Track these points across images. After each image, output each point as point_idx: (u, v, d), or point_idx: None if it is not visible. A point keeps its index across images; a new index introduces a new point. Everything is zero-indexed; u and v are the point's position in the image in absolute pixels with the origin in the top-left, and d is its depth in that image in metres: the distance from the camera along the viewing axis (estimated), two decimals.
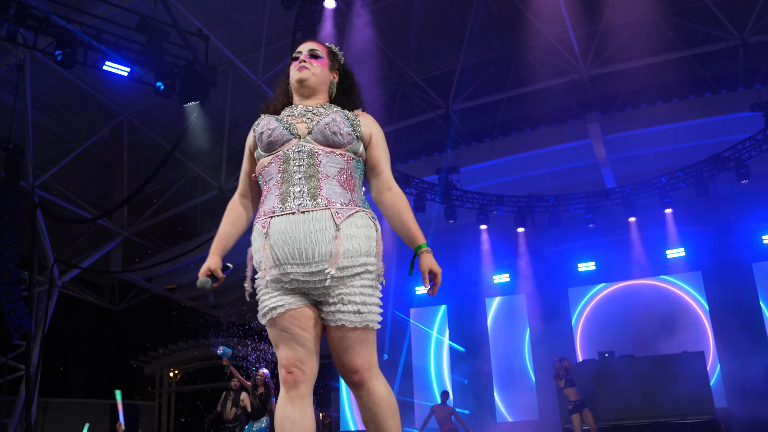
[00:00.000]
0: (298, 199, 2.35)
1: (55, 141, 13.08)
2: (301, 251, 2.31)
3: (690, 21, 11.86)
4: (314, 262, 2.31)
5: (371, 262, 2.37)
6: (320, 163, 2.40)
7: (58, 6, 8.96)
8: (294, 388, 2.36)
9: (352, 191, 2.43)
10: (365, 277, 2.36)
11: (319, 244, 2.30)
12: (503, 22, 12.52)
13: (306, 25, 9.32)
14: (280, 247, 2.34)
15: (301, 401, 2.36)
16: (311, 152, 2.41)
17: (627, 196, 12.77)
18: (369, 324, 2.35)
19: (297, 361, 2.37)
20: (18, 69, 10.37)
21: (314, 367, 2.41)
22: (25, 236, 11.21)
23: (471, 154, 13.51)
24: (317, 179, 2.38)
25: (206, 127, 11.90)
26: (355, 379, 2.39)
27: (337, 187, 2.39)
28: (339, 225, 2.32)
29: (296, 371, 2.37)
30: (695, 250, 13.40)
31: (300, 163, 2.40)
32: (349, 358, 2.37)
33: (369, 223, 2.41)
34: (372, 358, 2.41)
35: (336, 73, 2.69)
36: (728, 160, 11.65)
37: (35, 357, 11.42)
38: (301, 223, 2.32)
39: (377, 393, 2.39)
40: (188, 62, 9.22)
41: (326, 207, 2.34)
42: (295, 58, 2.65)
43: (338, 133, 2.43)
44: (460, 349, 15.12)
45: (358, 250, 2.34)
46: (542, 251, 14.49)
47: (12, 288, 9.75)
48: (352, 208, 2.38)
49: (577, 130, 12.42)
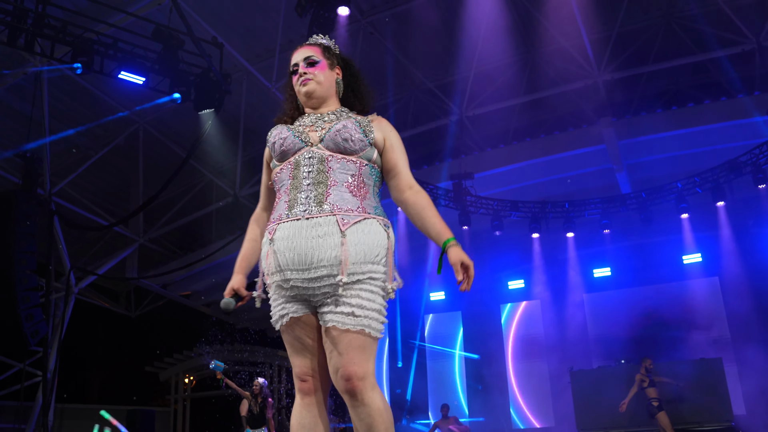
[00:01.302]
0: (304, 206, 2.33)
1: (71, 149, 13.19)
2: (302, 257, 2.27)
3: (705, 25, 11.78)
4: (314, 268, 2.26)
5: (377, 271, 2.31)
6: (330, 169, 2.37)
7: (75, 16, 9.06)
8: (308, 395, 2.38)
9: (363, 198, 2.38)
10: (367, 284, 2.29)
11: (320, 250, 2.26)
12: (517, 28, 12.49)
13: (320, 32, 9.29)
14: (282, 253, 2.31)
15: (316, 408, 2.37)
16: (322, 158, 2.39)
17: (643, 201, 12.69)
18: (365, 329, 2.26)
19: (309, 369, 2.38)
20: (35, 78, 10.48)
21: (326, 377, 2.39)
22: (42, 243, 11.30)
23: (485, 159, 13.48)
24: (325, 186, 2.34)
25: (221, 135, 11.96)
26: (348, 387, 2.24)
27: (346, 194, 2.35)
28: (344, 231, 2.28)
29: (309, 379, 2.38)
30: (712, 256, 13.29)
31: (310, 169, 2.38)
32: (342, 363, 2.25)
33: (379, 230, 2.35)
34: (367, 368, 2.27)
35: (338, 69, 2.63)
36: (745, 165, 11.55)
37: (52, 363, 11.51)
38: (304, 229, 2.29)
39: (372, 405, 2.25)
40: (203, 70, 9.28)
41: (331, 213, 2.30)
42: (293, 72, 2.61)
43: (349, 139, 2.39)
44: (473, 356, 15.07)
45: (363, 257, 2.28)
46: (557, 257, 14.42)
47: (29, 294, 9.83)
48: (360, 214, 2.33)
49: (592, 135, 12.36)
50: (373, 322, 2.29)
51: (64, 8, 8.66)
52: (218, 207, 14.11)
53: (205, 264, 13.75)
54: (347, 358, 2.25)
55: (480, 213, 13.12)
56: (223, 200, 13.87)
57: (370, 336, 2.29)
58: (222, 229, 14.55)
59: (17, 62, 10.53)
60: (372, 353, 2.32)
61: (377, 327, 2.31)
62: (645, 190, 12.74)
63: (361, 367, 2.26)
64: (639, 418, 10.79)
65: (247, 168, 13.50)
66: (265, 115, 13.41)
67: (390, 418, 2.30)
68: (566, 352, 13.73)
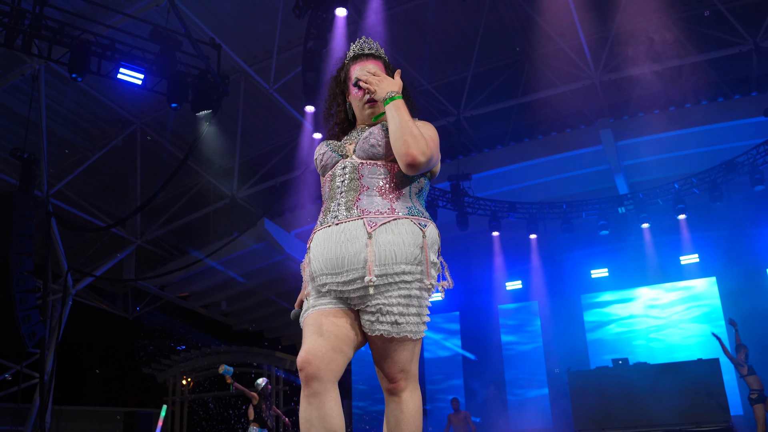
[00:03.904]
0: (334, 213, 2.39)
1: (69, 150, 13.18)
2: (333, 261, 2.31)
3: (702, 26, 11.81)
4: (345, 272, 2.29)
5: (411, 271, 2.30)
6: (362, 176, 2.42)
7: (72, 17, 9.05)
8: (307, 385, 2.24)
9: (395, 200, 2.39)
10: (403, 287, 2.29)
11: (348, 253, 2.29)
12: (514, 29, 12.51)
13: (317, 33, 9.35)
14: (317, 259, 2.37)
15: (317, 399, 2.23)
16: (354, 167, 2.44)
17: (640, 202, 12.71)
18: (408, 335, 2.30)
19: (310, 355, 2.25)
20: (33, 79, 10.47)
21: (332, 362, 2.27)
22: (40, 245, 11.28)
23: (483, 161, 13.49)
24: (356, 192, 2.39)
25: (219, 136, 11.96)
26: (391, 387, 2.37)
27: (376, 198, 2.38)
28: (370, 233, 2.30)
29: (307, 367, 2.23)
30: (709, 256, 13.32)
31: (343, 178, 2.44)
32: (387, 366, 2.35)
33: (413, 230, 2.35)
34: (410, 369, 2.38)
35: None
36: (742, 166, 11.58)
37: (49, 365, 11.48)
38: (334, 234, 2.34)
39: (406, 405, 2.37)
40: (201, 71, 9.27)
41: (359, 217, 2.34)
42: (355, 84, 2.58)
43: (376, 144, 2.43)
44: (470, 356, 15.07)
45: (393, 258, 2.28)
46: (555, 258, 14.44)
47: (26, 296, 9.80)
48: (390, 216, 2.35)
49: (590, 136, 12.38)
50: (414, 326, 2.31)
51: (62, 9, 8.65)
52: (216, 208, 14.11)
53: (203, 265, 13.74)
54: (391, 361, 2.34)
55: (478, 214, 13.13)
56: (221, 201, 13.87)
57: (413, 340, 2.35)
58: (220, 231, 14.54)
59: (14, 63, 10.52)
60: (416, 354, 2.40)
61: (419, 330, 2.34)
62: (642, 191, 12.76)
63: (404, 370, 2.36)
64: (637, 419, 10.80)
65: (245, 169, 13.50)
66: (262, 116, 13.42)
67: (420, 422, 2.38)
68: (564, 352, 13.74)
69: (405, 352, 2.34)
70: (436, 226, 2.51)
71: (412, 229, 2.35)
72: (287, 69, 11.19)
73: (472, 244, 14.80)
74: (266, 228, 12.86)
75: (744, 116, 11.57)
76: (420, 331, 2.35)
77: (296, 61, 10.98)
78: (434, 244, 2.42)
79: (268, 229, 12.92)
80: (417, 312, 2.32)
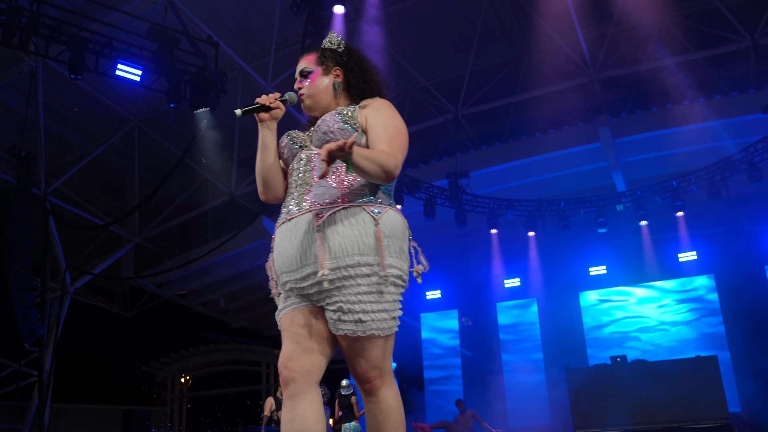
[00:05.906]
0: (288, 207, 2.36)
1: (66, 148, 13.15)
2: (288, 259, 2.29)
3: (700, 23, 11.81)
4: (300, 268, 2.26)
5: (369, 263, 2.18)
6: (314, 167, 2.35)
7: (70, 14, 9.03)
8: (285, 388, 2.27)
9: (347, 188, 2.27)
10: (362, 282, 2.18)
11: (302, 249, 2.25)
12: (512, 26, 12.50)
13: (315, 30, 9.34)
14: (276, 258, 2.36)
15: (292, 401, 2.22)
16: (308, 158, 2.38)
17: (638, 199, 12.71)
18: (374, 332, 2.20)
19: (286, 360, 2.27)
20: (30, 77, 10.45)
21: (307, 363, 2.26)
22: (38, 243, 11.27)
23: (481, 158, 13.49)
24: (308, 185, 2.33)
25: (216, 134, 11.95)
26: (367, 387, 2.29)
27: (327, 188, 2.28)
28: (319, 225, 2.21)
29: (284, 371, 2.26)
30: (707, 253, 13.33)
31: (299, 172, 2.39)
32: (359, 365, 2.27)
33: (365, 219, 2.23)
34: (383, 366, 2.28)
35: (337, 71, 2.53)
36: (740, 163, 11.59)
37: (48, 363, 11.48)
38: (287, 231, 2.31)
39: (385, 402, 2.29)
40: (198, 69, 9.26)
41: (307, 210, 2.27)
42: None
43: (328, 131, 2.34)
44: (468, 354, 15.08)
45: (344, 250, 2.18)
46: (553, 255, 14.44)
47: (25, 294, 9.79)
48: (339, 205, 2.24)
49: (588, 133, 12.38)
50: (382, 322, 2.21)
51: (59, 7, 8.64)
52: (214, 206, 14.10)
53: (201, 263, 13.73)
54: (362, 359, 2.26)
55: (476, 211, 13.12)
56: (219, 199, 13.86)
57: (382, 336, 2.25)
58: (218, 229, 14.53)
59: (12, 61, 10.50)
60: (387, 350, 2.30)
61: (388, 326, 2.24)
62: (640, 188, 12.76)
63: (377, 368, 2.28)
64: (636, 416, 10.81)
65: (243, 167, 13.48)
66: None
67: (402, 418, 2.32)
68: (562, 349, 13.75)
69: (375, 350, 2.26)
70: (399, 210, 2.38)
71: (363, 218, 2.23)
72: (285, 67, 11.17)
73: (470, 242, 14.80)
74: (264, 225, 12.85)
75: (742, 113, 11.59)
76: (390, 328, 2.24)
77: (294, 58, 10.89)
78: (394, 231, 2.26)
79: (267, 226, 12.91)
80: (383, 308, 2.21)
